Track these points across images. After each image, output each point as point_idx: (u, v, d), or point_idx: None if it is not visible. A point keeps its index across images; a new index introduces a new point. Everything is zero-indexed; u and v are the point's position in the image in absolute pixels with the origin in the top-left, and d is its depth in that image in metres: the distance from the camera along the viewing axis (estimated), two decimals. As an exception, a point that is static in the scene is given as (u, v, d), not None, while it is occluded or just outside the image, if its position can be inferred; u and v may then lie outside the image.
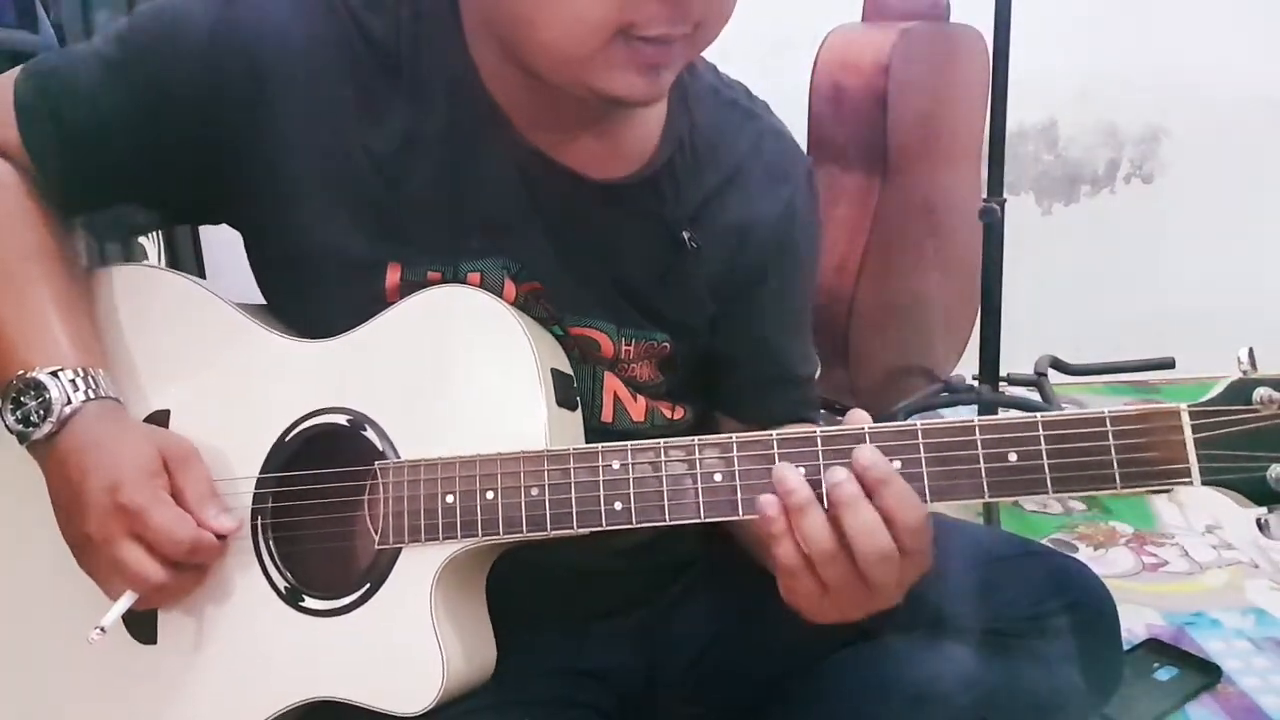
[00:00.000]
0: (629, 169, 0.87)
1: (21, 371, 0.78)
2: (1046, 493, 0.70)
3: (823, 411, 1.11)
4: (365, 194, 0.82)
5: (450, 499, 0.77)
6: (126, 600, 0.77)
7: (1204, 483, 0.68)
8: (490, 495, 0.77)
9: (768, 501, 0.71)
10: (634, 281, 0.90)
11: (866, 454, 0.71)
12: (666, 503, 0.75)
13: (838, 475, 0.71)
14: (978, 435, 0.71)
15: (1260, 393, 0.67)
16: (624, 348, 0.90)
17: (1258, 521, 0.69)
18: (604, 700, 0.95)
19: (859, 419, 0.74)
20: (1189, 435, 0.68)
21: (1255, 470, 0.67)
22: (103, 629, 0.76)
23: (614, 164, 0.87)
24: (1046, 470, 0.69)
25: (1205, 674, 1.46)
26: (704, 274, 0.92)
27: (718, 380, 1.00)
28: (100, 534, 0.76)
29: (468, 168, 0.84)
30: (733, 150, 0.92)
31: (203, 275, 2.02)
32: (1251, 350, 0.69)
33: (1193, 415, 0.68)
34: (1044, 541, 1.69)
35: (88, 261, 0.91)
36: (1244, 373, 0.69)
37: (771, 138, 0.95)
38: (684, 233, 0.89)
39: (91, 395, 0.78)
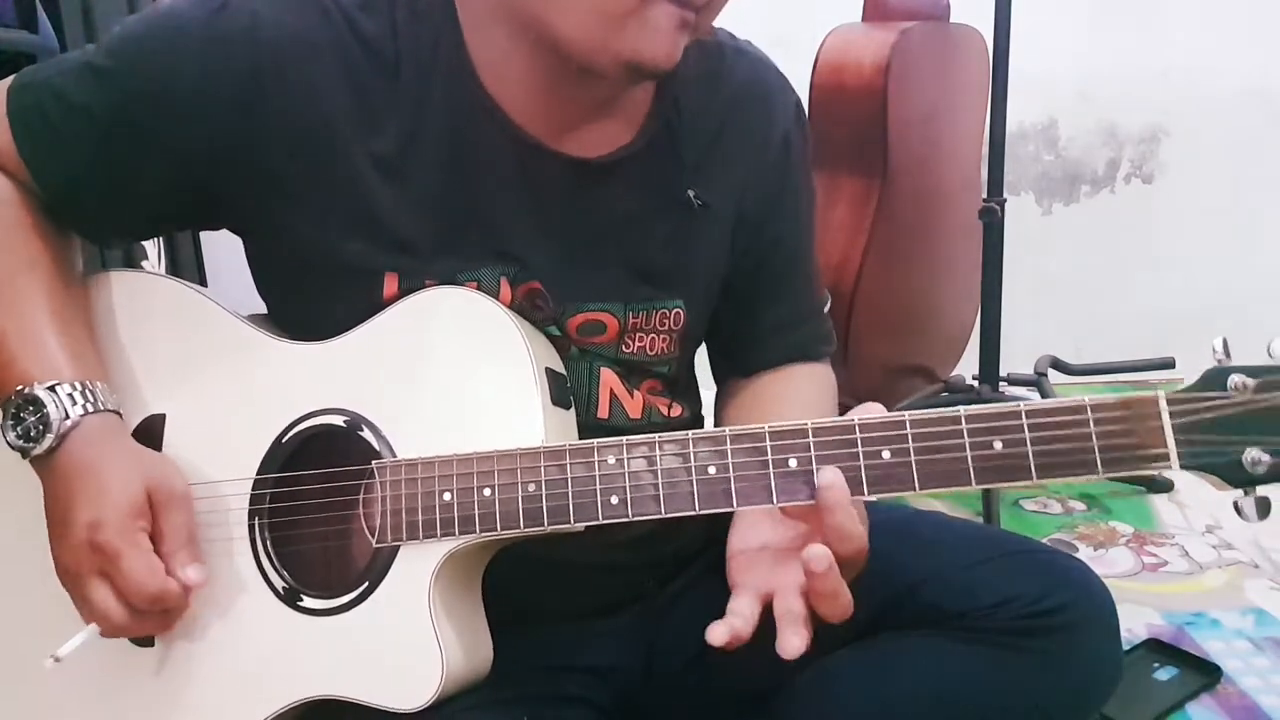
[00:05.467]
0: (627, 138, 0.88)
1: (20, 387, 0.78)
2: (1031, 479, 0.72)
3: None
4: (364, 200, 0.82)
5: (448, 496, 0.77)
6: (85, 634, 0.77)
7: (1182, 467, 0.70)
8: (488, 492, 0.77)
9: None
10: (644, 253, 0.90)
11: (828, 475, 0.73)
12: (661, 495, 0.76)
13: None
14: (964, 424, 0.72)
15: (1235, 379, 0.70)
16: (631, 319, 0.90)
17: (1235, 504, 0.71)
18: (602, 696, 0.95)
19: (870, 411, 0.75)
20: (1167, 421, 0.70)
21: (1231, 454, 0.70)
22: (57, 658, 0.76)
23: (610, 140, 0.88)
24: (1030, 457, 0.72)
25: (1205, 674, 1.46)
26: (714, 229, 0.93)
27: (729, 329, 1.01)
28: (74, 566, 0.76)
29: (467, 165, 0.84)
30: (727, 89, 0.94)
31: (203, 279, 2.03)
32: (1225, 340, 0.71)
33: (1170, 402, 0.71)
34: (1044, 541, 1.68)
35: (87, 266, 0.91)
36: (1219, 361, 0.71)
37: (761, 69, 0.97)
38: (689, 191, 0.90)
39: (90, 409, 0.78)
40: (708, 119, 0.92)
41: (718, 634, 0.76)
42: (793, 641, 0.74)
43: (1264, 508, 0.71)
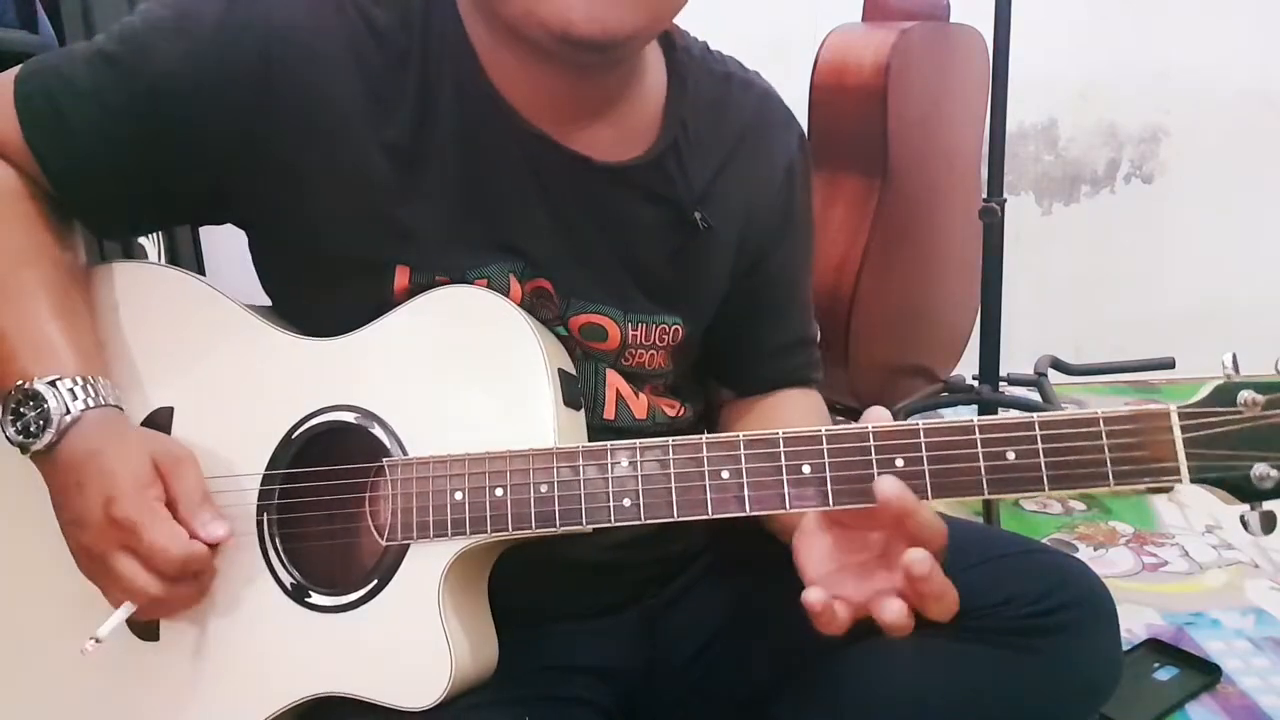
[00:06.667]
0: (635, 152, 0.89)
1: (20, 381, 0.77)
2: (1043, 490, 0.73)
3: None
4: (376, 191, 0.83)
5: (459, 496, 0.78)
6: (124, 612, 0.77)
7: (1192, 480, 0.71)
8: (500, 492, 0.77)
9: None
10: (645, 264, 0.91)
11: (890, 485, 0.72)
12: (675, 499, 0.76)
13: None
14: (977, 435, 0.73)
15: (1245, 395, 0.71)
16: (630, 332, 0.90)
17: (1241, 518, 0.72)
18: (604, 696, 0.95)
19: (876, 416, 0.75)
20: (1178, 435, 0.71)
21: (1240, 469, 0.71)
22: (97, 639, 0.76)
23: (620, 147, 0.88)
24: (1043, 469, 0.72)
25: (1205, 674, 1.46)
26: (717, 252, 0.93)
27: (725, 353, 1.01)
28: (96, 548, 0.76)
29: (476, 154, 0.84)
30: (735, 121, 0.94)
31: (203, 274, 2.02)
32: (1235, 355, 0.72)
33: (1182, 416, 0.72)
34: (1044, 541, 1.69)
35: (87, 261, 0.90)
36: (1228, 376, 0.72)
37: (768, 102, 0.98)
38: (695, 213, 0.90)
39: (91, 404, 0.78)
40: (714, 146, 0.93)
41: (815, 595, 0.73)
42: (892, 607, 0.72)
43: (1269, 523, 0.72)
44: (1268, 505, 0.72)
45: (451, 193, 0.84)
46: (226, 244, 0.95)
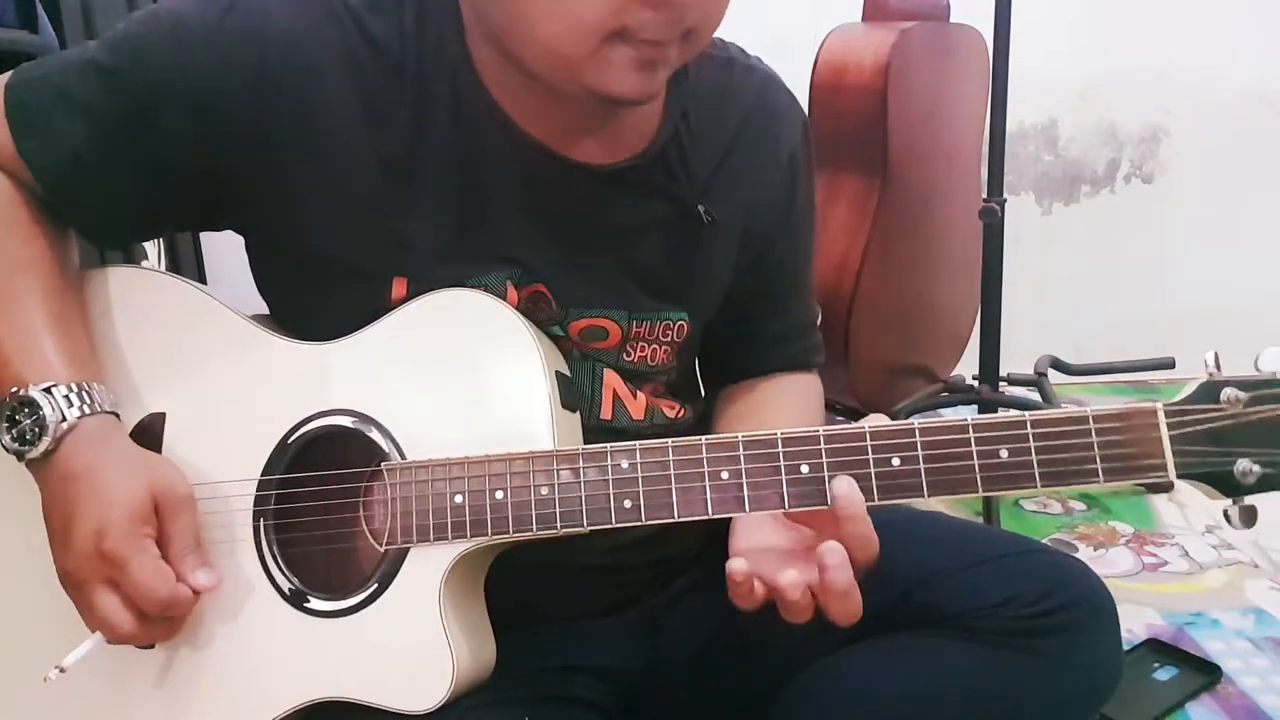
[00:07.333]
0: (634, 150, 0.88)
1: (15, 389, 0.77)
2: (1035, 487, 0.75)
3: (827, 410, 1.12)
4: (372, 203, 0.82)
5: (459, 499, 0.78)
6: (91, 643, 0.77)
7: (1178, 476, 0.74)
8: (500, 495, 0.77)
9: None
10: (649, 264, 0.91)
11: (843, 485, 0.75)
12: (675, 500, 0.76)
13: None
14: (971, 433, 0.75)
15: (1228, 392, 0.73)
16: (634, 329, 0.90)
17: (1224, 512, 0.75)
18: (605, 697, 0.95)
19: (878, 422, 0.77)
20: (1165, 432, 0.74)
21: (1224, 464, 0.74)
22: (61, 669, 0.76)
23: (619, 149, 0.88)
24: (1035, 466, 0.74)
25: (1205, 674, 1.46)
26: (720, 245, 0.93)
27: (725, 342, 1.02)
28: (79, 574, 0.75)
29: (473, 167, 0.84)
30: (738, 106, 0.94)
31: (203, 279, 2.02)
32: (1217, 354, 0.75)
33: (1168, 414, 0.74)
34: (1044, 541, 1.69)
35: (87, 266, 0.90)
36: (1210, 375, 0.75)
37: (771, 88, 0.98)
38: (699, 206, 0.90)
39: (87, 411, 0.77)
40: (718, 135, 0.92)
41: (738, 565, 0.78)
42: (788, 574, 0.77)
43: (1250, 517, 0.74)
44: (1249, 500, 0.74)
45: (448, 204, 0.84)
46: (228, 247, 0.94)
